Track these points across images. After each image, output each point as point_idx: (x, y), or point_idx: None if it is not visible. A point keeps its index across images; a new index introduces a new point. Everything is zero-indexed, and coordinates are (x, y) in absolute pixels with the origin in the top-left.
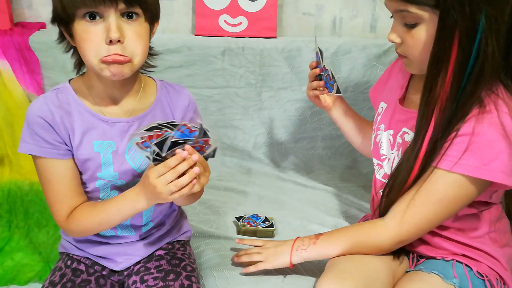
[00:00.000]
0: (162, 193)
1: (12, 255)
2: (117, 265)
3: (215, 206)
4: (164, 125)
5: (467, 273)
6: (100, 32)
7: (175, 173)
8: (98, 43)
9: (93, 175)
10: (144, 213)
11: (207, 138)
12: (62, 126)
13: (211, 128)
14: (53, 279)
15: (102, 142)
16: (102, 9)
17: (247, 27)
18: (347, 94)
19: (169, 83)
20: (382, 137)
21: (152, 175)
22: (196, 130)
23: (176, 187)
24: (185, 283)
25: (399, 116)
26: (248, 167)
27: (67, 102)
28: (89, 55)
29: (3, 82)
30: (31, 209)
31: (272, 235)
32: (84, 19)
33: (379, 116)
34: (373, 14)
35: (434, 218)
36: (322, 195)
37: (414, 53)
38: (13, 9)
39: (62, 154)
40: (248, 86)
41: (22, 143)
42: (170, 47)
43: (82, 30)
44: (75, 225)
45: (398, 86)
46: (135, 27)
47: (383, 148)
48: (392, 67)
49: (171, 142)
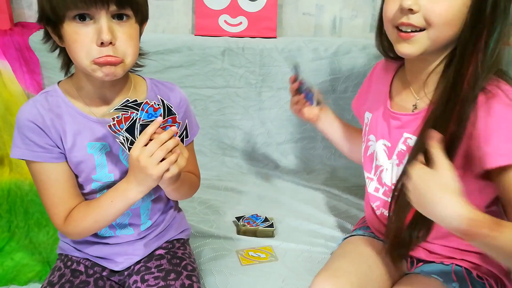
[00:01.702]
0: (153, 174)
1: (12, 255)
2: (117, 265)
3: (215, 206)
4: (130, 106)
5: (467, 277)
6: (91, 33)
7: (165, 150)
8: (89, 44)
9: (88, 177)
10: (142, 211)
11: (173, 115)
12: (53, 129)
13: (211, 128)
14: (51, 279)
15: (95, 144)
16: (93, 11)
17: (247, 27)
18: (347, 94)
19: (159, 81)
20: (376, 148)
21: (142, 155)
22: (160, 108)
23: (168, 164)
24: (186, 283)
25: (393, 123)
26: (248, 167)
27: (57, 104)
28: (80, 57)
29: (3, 82)
30: (31, 209)
31: (272, 235)
32: (74, 20)
33: (366, 127)
34: (373, 14)
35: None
36: (322, 195)
37: (440, 19)
38: (13, 9)
39: (55, 158)
40: (248, 86)
41: (14, 148)
42: (170, 47)
43: (73, 31)
44: (72, 226)
45: (381, 94)
46: (126, 29)
47: (379, 159)
48: (370, 77)
49: (140, 125)
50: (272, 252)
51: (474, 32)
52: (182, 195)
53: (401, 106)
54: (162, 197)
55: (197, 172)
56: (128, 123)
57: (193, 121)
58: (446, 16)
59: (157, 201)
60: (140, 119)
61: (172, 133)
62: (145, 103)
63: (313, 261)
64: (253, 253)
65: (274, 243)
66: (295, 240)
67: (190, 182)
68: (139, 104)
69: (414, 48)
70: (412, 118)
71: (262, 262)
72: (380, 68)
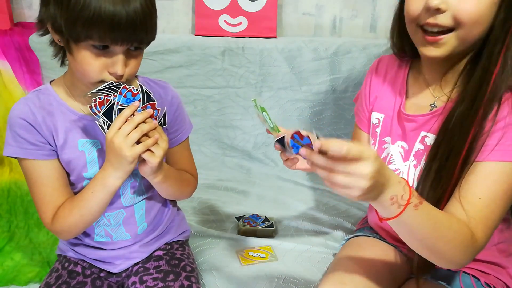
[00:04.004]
0: (128, 155)
1: (12, 255)
2: (114, 267)
3: (215, 206)
4: (113, 88)
5: (474, 284)
6: (106, 61)
7: (140, 131)
8: (101, 70)
9: (79, 175)
10: (136, 211)
11: (152, 102)
12: (44, 126)
13: (211, 128)
14: (49, 281)
15: (86, 141)
16: (112, 44)
17: (247, 27)
18: (347, 94)
19: (152, 80)
20: (390, 150)
21: (117, 136)
22: (139, 93)
23: (144, 146)
24: (184, 284)
25: (408, 126)
26: (248, 167)
27: (49, 102)
28: (88, 76)
29: (3, 82)
30: (31, 209)
31: (272, 235)
32: (92, 46)
33: (377, 128)
34: (373, 14)
35: (501, 214)
36: (322, 195)
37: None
38: (13, 9)
39: (46, 155)
40: (248, 86)
41: (6, 146)
42: (170, 47)
43: (87, 55)
44: (59, 223)
45: (394, 94)
46: (138, 58)
47: (394, 163)
48: (372, 75)
49: (118, 109)
50: (272, 252)
51: (504, 29)
52: (175, 192)
53: (417, 106)
54: (157, 196)
55: (194, 172)
56: (106, 106)
57: (186, 119)
58: (476, 14)
59: (152, 200)
60: (118, 103)
61: (147, 115)
62: (123, 87)
63: (313, 261)
64: (253, 253)
65: (274, 243)
66: (295, 240)
67: (182, 179)
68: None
69: (442, 50)
70: (429, 118)
71: (262, 262)
72: (386, 64)
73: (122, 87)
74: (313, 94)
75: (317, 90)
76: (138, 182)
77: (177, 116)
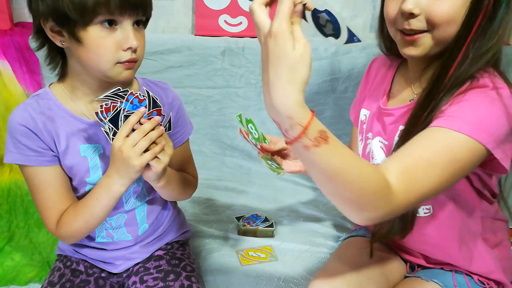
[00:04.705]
0: (136, 165)
1: (12, 255)
2: (115, 268)
3: (215, 206)
4: (120, 94)
5: (468, 282)
6: (118, 38)
7: (148, 140)
8: (115, 49)
9: (82, 180)
10: (137, 214)
11: (158, 108)
12: (45, 132)
13: (211, 128)
14: (52, 279)
15: (88, 146)
16: (121, 18)
17: (247, 27)
18: (347, 94)
19: (152, 81)
20: (372, 146)
21: (125, 145)
22: (145, 99)
23: (152, 154)
24: (185, 284)
25: (387, 120)
26: (248, 167)
27: (49, 107)
28: (103, 60)
29: (3, 82)
30: (31, 209)
31: (272, 235)
32: (101, 25)
33: (363, 124)
34: (373, 14)
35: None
36: (322, 195)
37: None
38: (13, 9)
39: (48, 161)
40: (248, 86)
41: (7, 153)
42: (170, 47)
43: (98, 36)
44: (64, 229)
45: (379, 91)
46: (142, 34)
47: (376, 157)
48: (367, 75)
49: (124, 116)
50: (272, 252)
51: (469, 25)
52: (176, 194)
53: (398, 102)
54: (158, 198)
55: (194, 173)
56: (112, 113)
57: (187, 120)
58: (448, 15)
59: (153, 203)
60: (124, 110)
61: (156, 123)
62: (130, 93)
63: (313, 261)
64: (253, 253)
65: (274, 243)
66: (295, 240)
67: (184, 181)
68: (126, 92)
69: (419, 50)
70: (405, 111)
71: (262, 262)
72: (379, 64)
73: (129, 93)
74: (313, 94)
75: (317, 90)
76: (140, 187)
77: (178, 118)
